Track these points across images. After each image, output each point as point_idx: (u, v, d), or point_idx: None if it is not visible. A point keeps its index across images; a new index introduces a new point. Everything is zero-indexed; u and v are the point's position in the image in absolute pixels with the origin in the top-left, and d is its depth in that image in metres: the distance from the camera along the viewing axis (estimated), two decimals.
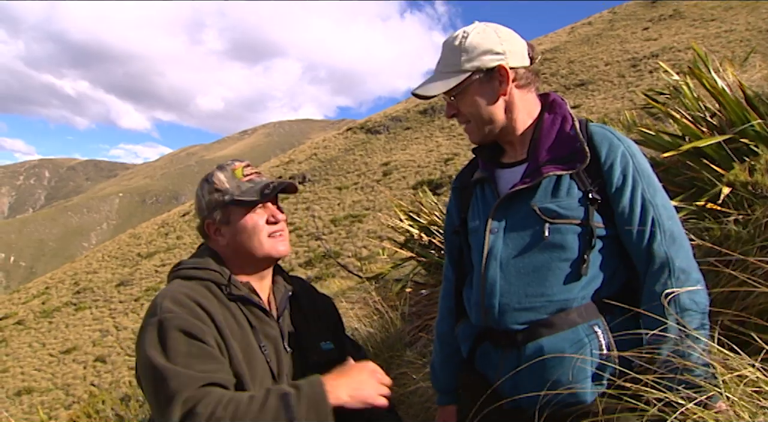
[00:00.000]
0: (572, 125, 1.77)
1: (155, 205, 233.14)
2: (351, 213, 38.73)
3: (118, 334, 32.31)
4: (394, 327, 3.92)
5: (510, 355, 1.72)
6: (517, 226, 1.74)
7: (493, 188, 1.85)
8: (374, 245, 31.20)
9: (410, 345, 4.02)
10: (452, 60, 1.76)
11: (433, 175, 39.53)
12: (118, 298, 38.33)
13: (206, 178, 1.97)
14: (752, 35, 37.41)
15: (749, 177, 2.26)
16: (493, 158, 1.91)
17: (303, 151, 63.55)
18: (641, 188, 1.68)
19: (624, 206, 1.67)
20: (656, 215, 1.65)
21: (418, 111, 57.92)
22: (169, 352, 1.58)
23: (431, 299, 4.64)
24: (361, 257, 30.57)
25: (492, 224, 1.78)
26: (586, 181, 1.69)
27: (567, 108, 1.84)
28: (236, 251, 1.90)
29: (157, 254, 45.07)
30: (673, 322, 1.54)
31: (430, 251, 4.97)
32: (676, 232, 1.67)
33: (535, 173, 1.74)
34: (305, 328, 2.00)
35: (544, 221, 1.68)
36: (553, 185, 1.71)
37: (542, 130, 1.80)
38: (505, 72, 1.73)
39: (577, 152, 1.71)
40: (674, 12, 54.69)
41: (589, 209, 1.67)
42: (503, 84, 1.75)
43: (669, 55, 38.92)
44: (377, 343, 3.79)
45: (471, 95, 1.77)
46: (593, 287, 1.67)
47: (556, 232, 1.67)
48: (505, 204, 1.78)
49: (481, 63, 1.73)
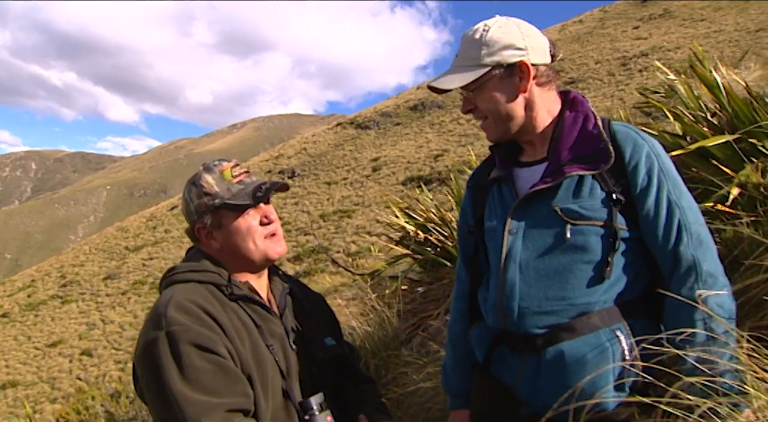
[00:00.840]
0: (595, 124, 1.72)
1: (143, 198, 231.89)
2: (340, 208, 38.62)
3: (105, 328, 32.10)
4: (390, 326, 3.88)
5: (529, 360, 1.67)
6: (537, 227, 1.69)
7: (512, 187, 1.79)
8: (363, 241, 31.18)
9: (405, 343, 3.98)
10: (471, 53, 1.71)
11: (422, 171, 39.49)
12: (105, 291, 38.02)
13: (193, 181, 1.90)
14: (741, 36, 37.66)
15: (762, 178, 2.23)
16: (511, 157, 1.85)
17: (292, 145, 63.30)
18: (667, 189, 1.63)
19: (649, 207, 1.63)
20: (682, 217, 1.61)
21: (408, 107, 57.85)
22: (184, 371, 1.53)
23: (427, 296, 4.61)
24: (350, 252, 30.55)
25: (511, 224, 1.73)
26: (610, 181, 1.65)
27: (588, 106, 1.80)
28: (231, 255, 1.85)
29: (144, 247, 44.77)
30: (701, 327, 1.50)
31: (426, 248, 4.93)
32: (703, 235, 1.63)
33: (556, 172, 1.69)
34: (307, 324, 1.96)
35: (565, 222, 1.64)
36: (575, 186, 1.66)
37: (564, 128, 1.75)
38: (526, 68, 1.68)
39: (601, 152, 1.67)
40: (664, 11, 54.94)
41: (612, 211, 1.62)
42: (524, 81, 1.70)
43: (659, 55, 39.10)
44: (374, 342, 3.74)
45: (490, 91, 1.72)
46: (616, 290, 1.63)
47: (578, 233, 1.62)
48: (524, 204, 1.73)
49: (502, 58, 1.68)
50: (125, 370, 25.89)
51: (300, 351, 1.87)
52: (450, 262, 4.51)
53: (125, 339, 29.81)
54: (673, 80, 7.40)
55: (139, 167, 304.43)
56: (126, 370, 25.85)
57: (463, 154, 38.85)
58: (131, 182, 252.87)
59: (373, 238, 29.15)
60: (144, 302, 34.11)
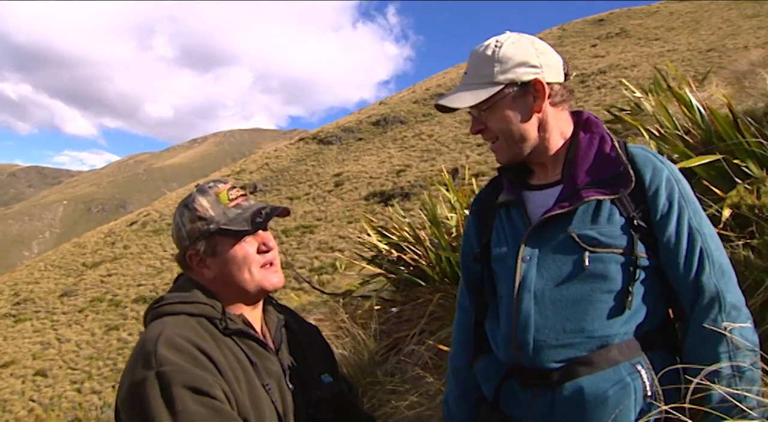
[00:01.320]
0: (612, 146, 1.64)
1: (101, 213, 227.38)
2: (302, 224, 38.40)
3: (61, 347, 31.25)
4: (367, 349, 3.76)
5: (543, 396, 1.57)
6: (552, 254, 1.59)
7: (522, 212, 1.69)
8: (327, 256, 31.02)
9: (380, 365, 3.87)
10: (483, 70, 1.62)
11: (385, 186, 39.56)
12: (61, 309, 37.08)
13: (185, 203, 1.75)
14: (693, 55, 38.93)
15: (757, 200, 2.19)
16: (520, 179, 1.76)
17: (254, 160, 62.88)
18: (688, 215, 1.56)
19: (670, 234, 1.55)
20: (704, 245, 1.54)
21: (370, 122, 58.04)
22: (177, 416, 1.37)
23: (401, 316, 4.51)
24: (313, 267, 30.35)
25: (524, 251, 1.62)
26: (629, 206, 1.56)
27: (603, 127, 1.71)
28: (225, 284, 1.71)
29: (103, 263, 43.85)
30: (726, 361, 1.42)
31: (399, 267, 4.83)
32: (725, 264, 1.56)
33: (573, 196, 1.59)
34: (304, 361, 1.82)
35: (583, 249, 1.54)
36: (592, 211, 1.58)
37: (579, 150, 1.66)
38: (542, 87, 1.61)
39: (621, 176, 1.58)
40: (621, 30, 56.44)
41: (632, 237, 1.54)
42: (538, 100, 1.62)
43: (616, 72, 40.03)
44: (351, 367, 3.62)
45: (502, 110, 1.63)
46: (635, 321, 1.54)
47: (598, 261, 1.53)
48: (538, 230, 1.63)
49: (516, 76, 1.60)
50: (82, 391, 25.20)
51: (297, 391, 1.73)
52: (424, 281, 4.43)
53: (82, 358, 29.06)
54: (639, 98, 7.51)
55: (98, 181, 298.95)
56: (83, 391, 25.16)
57: (425, 169, 39.04)
58: (89, 197, 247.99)
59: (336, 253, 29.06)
60: (102, 319, 33.36)
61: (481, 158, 33.97)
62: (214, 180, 1.80)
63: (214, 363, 1.52)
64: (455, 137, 44.18)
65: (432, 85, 65.32)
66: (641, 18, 61.34)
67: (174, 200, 57.07)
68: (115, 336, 30.72)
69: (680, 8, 59.03)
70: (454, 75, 65.95)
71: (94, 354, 29.22)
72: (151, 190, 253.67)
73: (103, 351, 29.34)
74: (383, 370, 3.75)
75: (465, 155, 37.84)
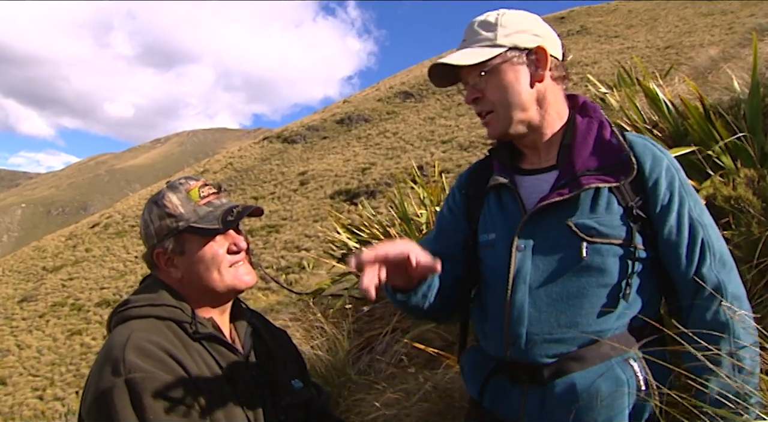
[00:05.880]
0: (612, 132, 1.57)
1: (62, 216, 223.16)
2: (268, 223, 38.26)
3: (21, 353, 30.64)
4: (341, 348, 3.72)
5: (533, 393, 1.51)
6: (548, 244, 1.52)
7: (516, 197, 1.60)
8: (293, 256, 30.90)
9: (353, 363, 3.84)
10: (485, 35, 1.54)
11: (350, 184, 39.64)
12: (20, 315, 36.36)
13: (155, 200, 1.67)
14: (651, 52, 39.81)
15: (733, 191, 2.20)
16: (511, 162, 1.68)
17: (218, 160, 62.44)
18: (688, 206, 1.50)
19: (671, 226, 1.49)
20: (706, 236, 1.48)
21: (335, 120, 58.12)
22: None
23: (372, 315, 4.48)
24: (279, 267, 30.22)
25: (519, 240, 1.55)
26: (629, 195, 1.50)
27: (601, 112, 1.63)
28: (193, 285, 1.64)
29: (64, 267, 43.10)
30: (726, 354, 1.38)
31: None
32: (726, 254, 1.50)
33: (572, 183, 1.51)
34: (273, 366, 1.76)
35: (581, 240, 1.47)
36: (591, 199, 1.50)
37: (577, 134, 1.58)
38: (544, 54, 1.54)
39: (623, 163, 1.50)
40: (581, 28, 57.38)
41: (631, 228, 1.48)
42: (540, 68, 1.54)
43: (577, 69, 40.54)
44: (326, 367, 3.58)
45: (502, 75, 1.54)
46: (629, 315, 1.49)
47: (595, 253, 1.46)
48: (534, 218, 1.54)
49: (520, 40, 1.53)
50: (44, 398, 24.70)
51: (267, 397, 1.67)
52: None
53: (43, 365, 28.52)
54: (604, 93, 7.60)
55: (57, 183, 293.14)
56: (45, 398, 24.66)
57: (390, 167, 39.12)
58: (48, 200, 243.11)
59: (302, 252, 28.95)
60: (64, 324, 32.77)
61: (445, 155, 34.11)
62: (186, 177, 1.73)
63: (185, 368, 1.46)
64: (420, 135, 44.39)
65: (396, 83, 65.54)
66: (601, 16, 62.44)
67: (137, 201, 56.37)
68: (78, 341, 30.22)
69: (638, 6, 60.23)
70: (418, 73, 66.23)
71: (57, 360, 28.71)
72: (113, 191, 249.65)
73: (65, 356, 28.84)
74: (357, 369, 3.72)
75: (429, 152, 38.04)
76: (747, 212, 2.14)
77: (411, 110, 53.38)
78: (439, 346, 3.13)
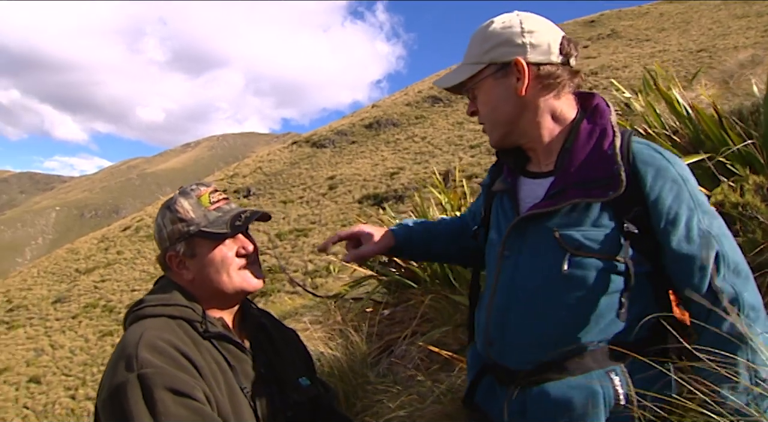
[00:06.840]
0: (611, 142, 1.50)
1: (94, 219, 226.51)
2: (296, 227, 38.46)
3: (54, 353, 31.16)
4: (359, 351, 3.77)
5: (515, 396, 1.53)
6: (534, 250, 1.53)
7: (513, 201, 1.64)
8: (321, 260, 31.01)
9: (372, 366, 3.88)
10: (474, 50, 1.59)
11: (378, 189, 39.68)
12: (54, 315, 36.98)
13: (167, 205, 1.76)
14: (684, 56, 39.23)
15: (741, 198, 2.21)
16: (519, 164, 1.69)
17: (247, 164, 62.87)
18: (697, 218, 1.44)
19: (679, 238, 1.43)
20: (719, 246, 1.42)
21: (363, 125, 58.18)
22: (158, 419, 1.37)
23: (392, 318, 4.52)
24: (307, 271, 30.35)
25: (506, 244, 1.58)
26: (622, 209, 1.46)
27: (610, 118, 1.57)
28: (204, 286, 1.72)
29: (96, 269, 43.75)
30: (744, 368, 1.34)
31: (390, 269, 4.84)
32: (741, 263, 1.45)
33: (559, 195, 1.50)
34: (281, 364, 1.83)
35: (565, 252, 1.45)
36: (580, 211, 1.48)
37: (577, 142, 1.55)
38: (522, 68, 1.51)
39: (612, 178, 1.45)
40: (612, 32, 56.78)
41: (621, 243, 1.44)
42: (520, 81, 1.52)
43: (607, 73, 40.26)
44: (343, 368, 3.63)
45: (485, 92, 1.59)
46: (614, 329, 1.46)
47: (578, 266, 1.45)
48: (522, 224, 1.56)
49: (497, 55, 1.54)
50: (76, 397, 25.11)
51: (275, 394, 1.74)
52: (416, 283, 4.44)
53: (76, 365, 28.98)
54: (628, 98, 7.54)
55: (90, 187, 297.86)
56: (77, 397, 25.07)
57: (418, 171, 39.10)
58: (82, 203, 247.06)
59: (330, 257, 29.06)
60: (96, 325, 33.27)
61: (474, 160, 34.04)
62: (197, 183, 1.82)
63: (195, 365, 1.52)
64: (448, 140, 44.29)
65: (424, 87, 65.46)
66: (632, 19, 61.76)
67: None
68: (109, 342, 30.62)
69: (670, 9, 59.47)
70: None
71: (88, 360, 29.14)
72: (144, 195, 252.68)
73: (97, 357, 29.25)
74: (376, 372, 3.75)
75: (458, 157, 37.95)
76: (754, 219, 2.15)
77: (440, 114, 53.29)
78: (455, 349, 3.16)
